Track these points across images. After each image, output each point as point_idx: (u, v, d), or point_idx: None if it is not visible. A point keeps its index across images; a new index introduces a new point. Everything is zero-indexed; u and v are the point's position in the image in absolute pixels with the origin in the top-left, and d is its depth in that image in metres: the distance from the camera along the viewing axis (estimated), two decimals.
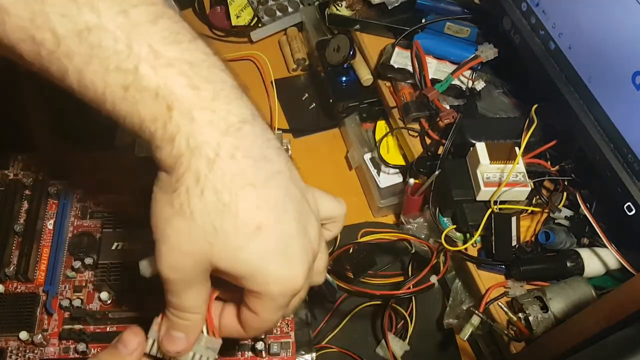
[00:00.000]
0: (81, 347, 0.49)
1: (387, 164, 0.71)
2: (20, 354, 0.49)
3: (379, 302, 0.63)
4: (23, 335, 0.49)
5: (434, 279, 0.52)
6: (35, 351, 0.49)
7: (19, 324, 0.49)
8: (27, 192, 0.56)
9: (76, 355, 0.50)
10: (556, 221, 0.59)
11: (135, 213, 0.48)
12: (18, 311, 0.50)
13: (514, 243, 0.56)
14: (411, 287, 0.59)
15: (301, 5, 0.87)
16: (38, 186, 0.56)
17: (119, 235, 0.54)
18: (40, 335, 0.49)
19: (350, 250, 0.57)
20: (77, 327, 0.50)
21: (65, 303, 0.51)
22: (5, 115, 0.62)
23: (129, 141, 0.58)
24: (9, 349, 0.49)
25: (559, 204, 0.59)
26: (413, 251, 0.61)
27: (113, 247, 0.53)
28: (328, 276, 0.48)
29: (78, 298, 0.51)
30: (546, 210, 0.60)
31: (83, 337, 0.50)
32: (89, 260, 0.53)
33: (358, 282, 0.63)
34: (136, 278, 0.37)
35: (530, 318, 0.52)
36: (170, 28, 0.32)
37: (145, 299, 0.50)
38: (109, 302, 0.52)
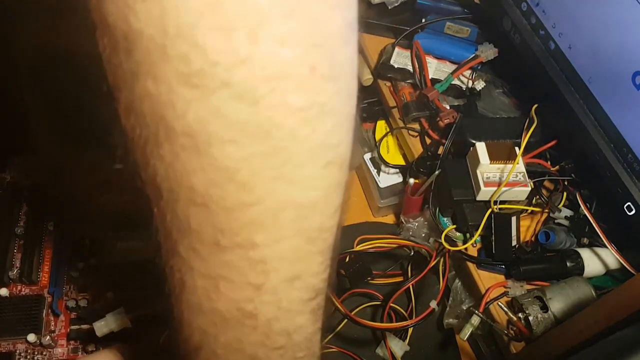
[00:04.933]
0: (90, 347, 0.50)
1: (387, 164, 0.71)
2: (29, 356, 0.49)
3: (378, 302, 0.63)
4: (31, 337, 0.49)
5: (433, 304, 0.53)
6: (44, 353, 0.49)
7: (26, 327, 0.49)
8: (26, 194, 0.56)
9: (85, 355, 0.50)
10: (556, 221, 0.59)
11: (136, 212, 0.48)
12: (24, 314, 0.50)
13: (514, 243, 0.56)
14: (412, 299, 0.60)
15: None
16: (37, 188, 0.56)
17: (120, 235, 0.54)
18: (48, 337, 0.49)
19: (347, 259, 0.57)
20: (85, 327, 0.50)
21: (72, 304, 0.51)
22: (3, 116, 0.62)
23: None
24: (17, 351, 0.49)
25: (559, 204, 0.59)
26: (412, 253, 0.61)
27: (116, 247, 0.53)
28: None
29: (84, 298, 0.51)
30: (546, 210, 0.59)
31: (91, 337, 0.50)
32: (92, 261, 0.53)
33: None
34: (140, 277, 0.37)
35: (530, 318, 0.52)
36: None
37: (149, 297, 0.50)
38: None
